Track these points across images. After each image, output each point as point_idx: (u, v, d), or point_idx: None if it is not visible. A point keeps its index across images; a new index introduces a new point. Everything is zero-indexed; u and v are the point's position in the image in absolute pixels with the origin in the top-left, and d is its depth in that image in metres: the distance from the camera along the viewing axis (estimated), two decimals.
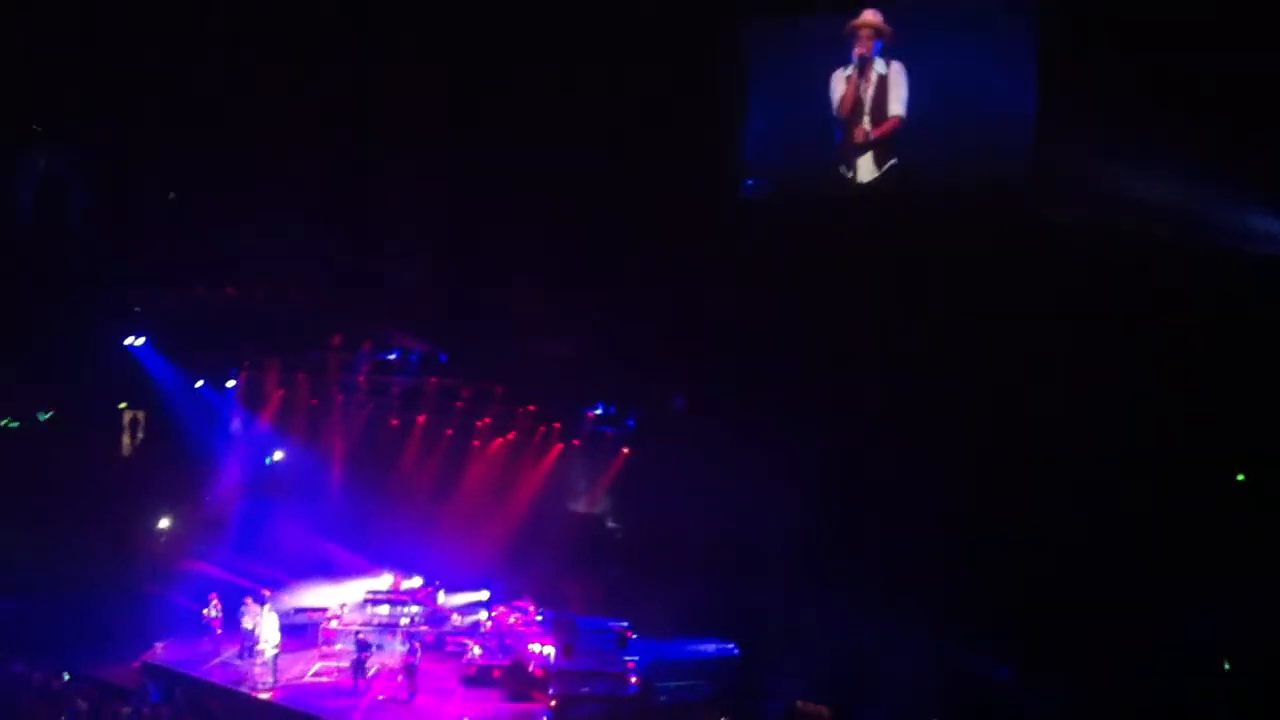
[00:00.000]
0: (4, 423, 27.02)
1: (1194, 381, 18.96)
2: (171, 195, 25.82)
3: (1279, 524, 18.29)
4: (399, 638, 24.42)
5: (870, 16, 20.72)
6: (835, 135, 21.23)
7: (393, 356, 29.12)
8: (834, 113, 21.14)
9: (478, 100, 23.52)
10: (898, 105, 20.52)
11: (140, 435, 28.95)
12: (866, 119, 20.80)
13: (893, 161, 20.76)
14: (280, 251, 24.93)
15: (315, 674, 23.47)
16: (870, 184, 21.07)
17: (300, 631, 25.05)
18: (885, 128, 20.64)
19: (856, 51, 20.74)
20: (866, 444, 23.03)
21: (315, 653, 24.53)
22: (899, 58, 20.61)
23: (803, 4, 21.81)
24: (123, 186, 24.96)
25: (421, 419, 30.32)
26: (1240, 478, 19.84)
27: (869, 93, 20.73)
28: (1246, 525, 18.67)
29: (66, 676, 21.10)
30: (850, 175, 21.14)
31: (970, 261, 20.45)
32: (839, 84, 21.04)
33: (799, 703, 20.79)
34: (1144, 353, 19.22)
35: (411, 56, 23.47)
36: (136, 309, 27.19)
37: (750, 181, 22.30)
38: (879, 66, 20.67)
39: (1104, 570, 19.67)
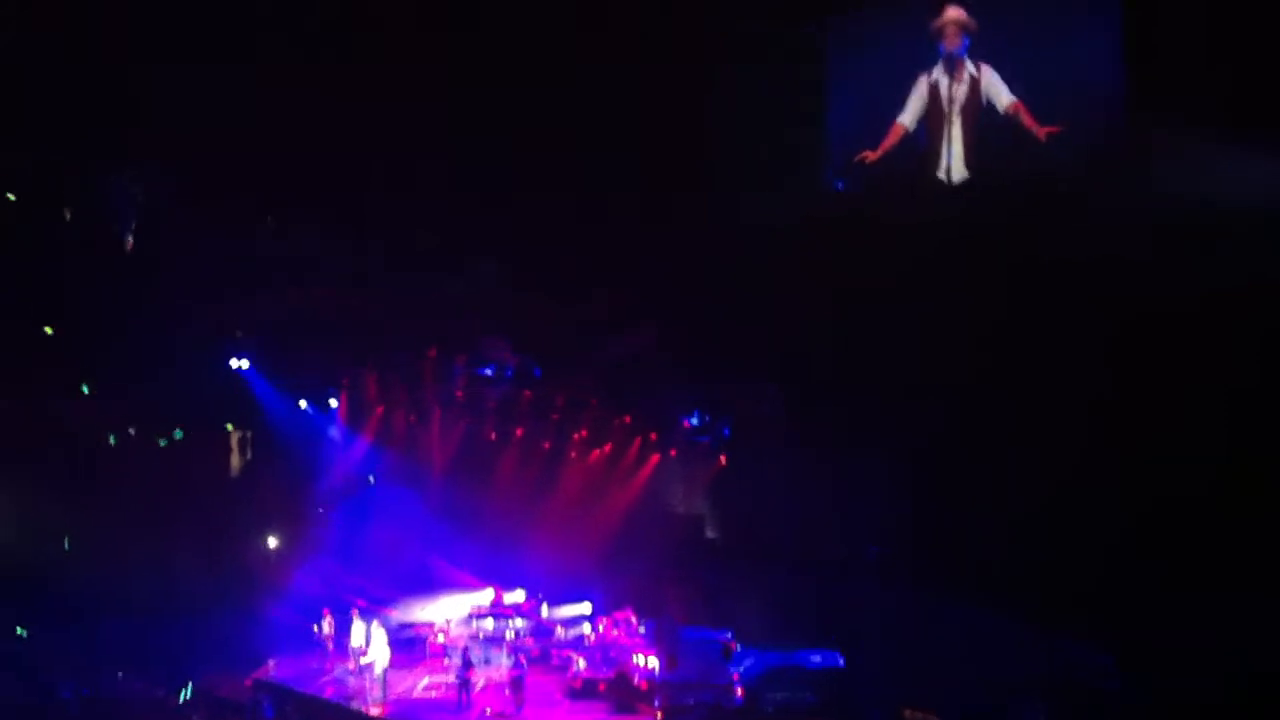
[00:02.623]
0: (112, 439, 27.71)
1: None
2: (269, 219, 26.31)
3: None
4: (505, 651, 24.64)
5: (955, 13, 20.41)
6: (921, 136, 20.93)
7: (488, 371, 29.40)
8: (924, 108, 20.85)
9: (547, 105, 23.50)
10: (1001, 104, 20.17)
11: (248, 455, 29.60)
12: (959, 120, 20.45)
13: (984, 158, 20.40)
14: (373, 269, 25.27)
15: (424, 688, 23.77)
16: (963, 183, 20.72)
17: (408, 646, 25.49)
18: (972, 132, 20.30)
19: (945, 48, 20.44)
20: (959, 443, 22.61)
21: (424, 667, 24.86)
22: (984, 58, 20.29)
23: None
24: (217, 209, 25.46)
25: (519, 432, 30.54)
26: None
27: (961, 92, 20.40)
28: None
29: (188, 694, 21.67)
30: (941, 175, 20.80)
31: (1061, 255, 20.00)
32: (923, 86, 20.77)
33: (906, 711, 20.52)
34: (1242, 343, 18.60)
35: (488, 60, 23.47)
36: (238, 333, 27.77)
37: (840, 183, 22.09)
38: (970, 68, 20.32)
39: (1193, 569, 19.08)
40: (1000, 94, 20.24)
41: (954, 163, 20.71)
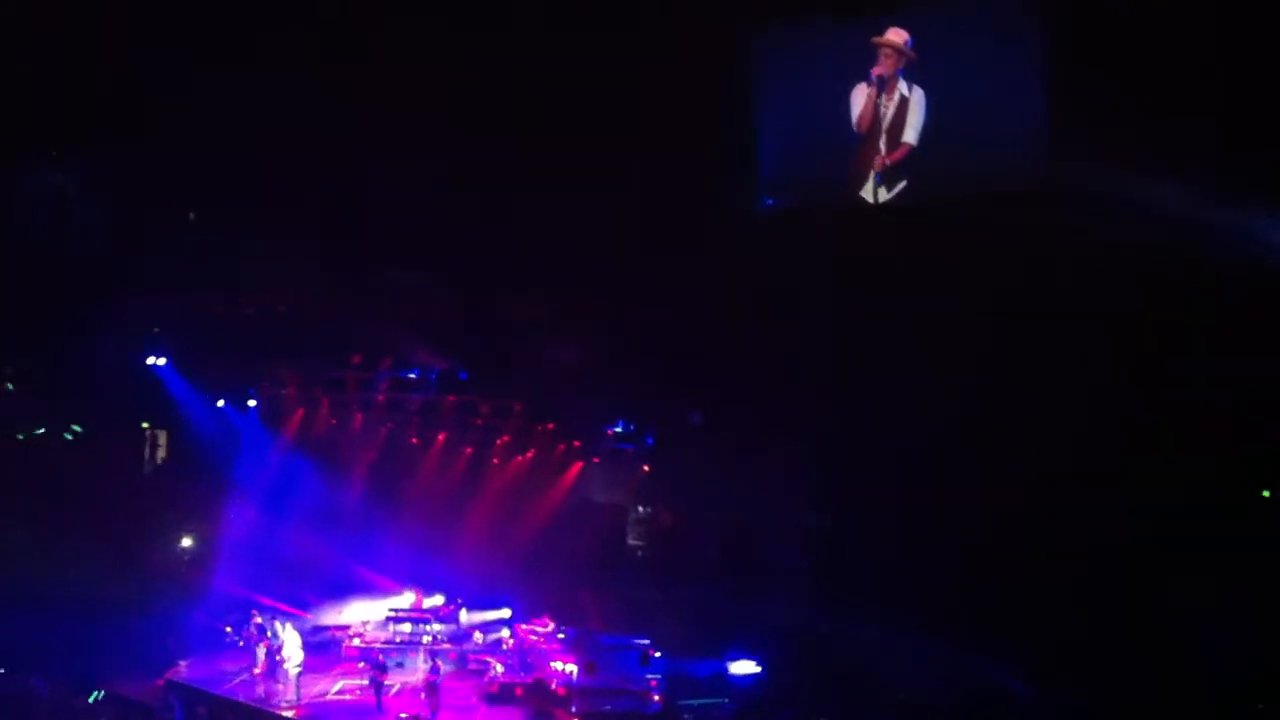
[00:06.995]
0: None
1: (1203, 387, 18.94)
2: (191, 215, 25.96)
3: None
4: (421, 655, 24.50)
5: (895, 37, 20.26)
6: (851, 151, 21.04)
7: (412, 375, 29.29)
8: (853, 127, 20.93)
9: (483, 110, 23.42)
10: (912, 133, 20.20)
11: (163, 454, 29.09)
12: (882, 140, 20.61)
13: (903, 184, 20.56)
14: (298, 269, 25.03)
15: (338, 692, 23.54)
16: (883, 204, 20.92)
17: (323, 649, 25.23)
18: (897, 154, 20.48)
19: (876, 71, 20.41)
20: (887, 453, 22.96)
21: (338, 671, 24.63)
22: (916, 80, 20.41)
23: (816, 11, 21.60)
24: (139, 205, 25.08)
25: (441, 437, 30.42)
26: (1265, 494, 19.79)
27: (889, 112, 20.50)
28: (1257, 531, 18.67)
29: (98, 695, 21.26)
30: (862, 194, 21.01)
31: (984, 271, 20.43)
32: (859, 98, 20.81)
33: None
34: (1152, 357, 19.19)
35: (413, 62, 23.36)
36: (156, 329, 27.34)
37: (769, 200, 22.25)
38: (902, 87, 20.38)
39: (1121, 577, 19.65)
40: (909, 128, 20.33)
41: (873, 183, 20.90)
